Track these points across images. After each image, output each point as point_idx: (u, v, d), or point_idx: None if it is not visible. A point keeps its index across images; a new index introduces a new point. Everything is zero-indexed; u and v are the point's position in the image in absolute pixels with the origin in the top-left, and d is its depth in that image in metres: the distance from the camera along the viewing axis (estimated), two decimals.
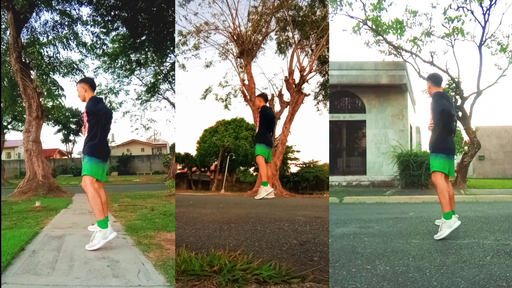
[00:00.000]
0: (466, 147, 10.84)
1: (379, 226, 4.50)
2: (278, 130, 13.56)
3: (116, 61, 13.43)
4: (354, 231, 4.32)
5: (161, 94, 16.01)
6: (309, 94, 13.53)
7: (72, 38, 10.92)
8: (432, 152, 4.14)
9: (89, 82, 4.31)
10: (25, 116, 11.05)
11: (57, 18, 10.85)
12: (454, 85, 10.49)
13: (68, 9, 10.80)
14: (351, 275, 2.84)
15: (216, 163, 24.25)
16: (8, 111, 13.98)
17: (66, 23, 10.92)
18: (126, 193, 10.47)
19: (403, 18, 10.21)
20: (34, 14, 10.61)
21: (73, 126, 26.76)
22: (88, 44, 11.40)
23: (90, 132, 4.03)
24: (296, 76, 13.05)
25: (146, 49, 12.74)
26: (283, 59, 15.51)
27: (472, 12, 9.91)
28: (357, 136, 12.64)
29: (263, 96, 7.60)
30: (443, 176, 4.06)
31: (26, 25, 10.61)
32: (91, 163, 3.94)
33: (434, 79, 4.30)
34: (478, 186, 10.51)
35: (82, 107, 4.51)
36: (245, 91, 12.93)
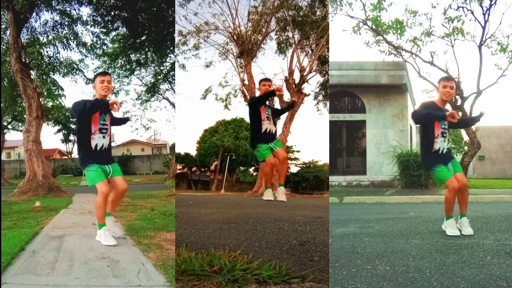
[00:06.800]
0: (466, 147, 10.83)
1: (379, 226, 4.50)
2: (278, 130, 13.56)
3: (116, 61, 13.41)
4: (354, 231, 4.32)
5: (161, 94, 15.99)
6: (309, 94, 13.55)
7: (72, 38, 10.92)
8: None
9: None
10: (25, 116, 11.04)
11: (57, 18, 10.85)
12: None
13: (68, 9, 10.81)
14: (351, 275, 2.84)
15: (216, 163, 24.24)
16: (8, 111, 13.97)
17: (66, 23, 10.92)
18: (126, 193, 10.45)
19: (403, 18, 10.23)
20: (34, 14, 10.61)
21: (73, 126, 26.71)
22: (88, 44, 11.40)
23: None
24: (296, 76, 13.06)
25: (146, 49, 12.73)
26: (283, 59, 15.52)
27: (472, 12, 9.92)
28: (357, 136, 12.64)
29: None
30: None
31: (26, 25, 10.61)
32: None
33: None
34: (478, 186, 10.50)
35: None
36: (245, 91, 12.94)
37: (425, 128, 4.28)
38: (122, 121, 4.81)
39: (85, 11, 12.18)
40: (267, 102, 5.95)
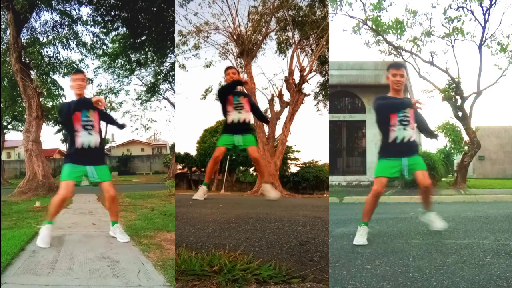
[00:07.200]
0: (466, 147, 10.83)
1: (379, 226, 4.50)
2: (278, 130, 13.58)
3: (116, 61, 13.43)
4: (354, 231, 4.31)
5: (161, 94, 16.01)
6: (309, 94, 13.58)
7: (72, 38, 10.93)
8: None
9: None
10: (25, 116, 11.05)
11: (57, 18, 10.87)
12: (454, 85, 10.49)
13: (68, 9, 10.82)
14: (351, 275, 2.84)
15: None
16: (8, 111, 13.98)
17: (66, 23, 10.94)
18: (126, 193, 10.46)
19: (403, 18, 10.20)
20: (34, 14, 10.62)
21: None
22: (88, 44, 11.43)
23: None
24: (296, 76, 13.09)
25: (146, 49, 12.74)
26: (283, 59, 15.58)
27: (472, 12, 9.91)
28: (357, 136, 12.64)
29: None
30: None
31: (26, 25, 10.61)
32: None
33: None
34: (478, 186, 10.51)
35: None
36: (245, 91, 12.93)
37: (381, 119, 3.97)
38: (118, 125, 4.74)
39: (85, 11, 12.22)
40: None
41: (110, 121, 4.67)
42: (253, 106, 6.02)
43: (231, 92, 5.57)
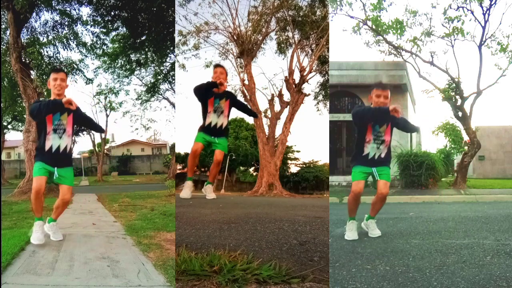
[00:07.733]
0: (466, 147, 10.83)
1: (379, 226, 4.49)
2: (278, 130, 13.58)
3: (116, 61, 13.42)
4: None
5: (161, 94, 16.00)
6: (309, 94, 13.58)
7: (72, 38, 10.92)
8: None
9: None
10: (25, 116, 11.04)
11: (57, 18, 10.85)
12: (454, 85, 10.48)
13: (68, 9, 10.80)
14: (351, 275, 2.84)
15: None
16: (8, 111, 13.97)
17: (66, 23, 10.92)
18: (126, 193, 10.46)
19: (403, 18, 10.21)
20: (34, 14, 10.60)
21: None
22: (88, 44, 11.42)
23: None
24: (296, 76, 13.09)
25: (146, 49, 12.74)
26: (283, 59, 15.55)
27: (472, 12, 9.92)
28: None
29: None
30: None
31: (26, 25, 10.60)
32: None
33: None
34: (478, 186, 10.51)
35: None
36: (245, 91, 12.96)
37: (360, 130, 4.10)
38: (97, 128, 4.66)
39: (85, 11, 12.18)
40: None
41: (89, 124, 4.56)
42: (240, 105, 5.99)
43: (210, 93, 5.45)
